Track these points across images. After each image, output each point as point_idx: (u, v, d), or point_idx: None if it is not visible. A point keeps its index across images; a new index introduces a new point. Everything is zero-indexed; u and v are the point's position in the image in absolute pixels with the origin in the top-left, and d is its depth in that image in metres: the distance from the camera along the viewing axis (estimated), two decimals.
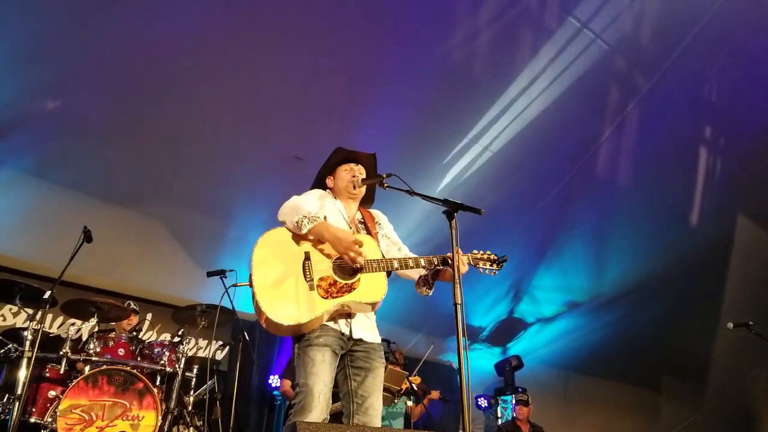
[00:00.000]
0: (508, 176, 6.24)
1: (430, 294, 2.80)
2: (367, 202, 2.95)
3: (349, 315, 2.56)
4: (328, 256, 2.56)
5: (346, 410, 2.55)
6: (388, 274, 2.62)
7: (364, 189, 2.84)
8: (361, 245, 2.48)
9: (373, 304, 2.57)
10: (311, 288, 2.46)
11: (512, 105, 5.66)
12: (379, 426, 2.56)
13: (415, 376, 5.32)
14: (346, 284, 2.51)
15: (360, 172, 2.83)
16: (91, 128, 4.99)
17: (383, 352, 2.69)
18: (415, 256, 2.72)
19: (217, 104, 5.06)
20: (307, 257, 2.53)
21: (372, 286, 2.54)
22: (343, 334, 2.53)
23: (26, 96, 4.66)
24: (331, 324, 2.51)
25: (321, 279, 2.49)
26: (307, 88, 5.13)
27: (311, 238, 2.56)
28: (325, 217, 2.60)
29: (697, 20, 5.20)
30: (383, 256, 2.64)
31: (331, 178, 2.88)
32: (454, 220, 2.48)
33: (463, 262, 2.63)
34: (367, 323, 2.63)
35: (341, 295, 2.49)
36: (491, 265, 2.77)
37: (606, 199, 6.77)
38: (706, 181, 6.67)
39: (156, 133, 5.18)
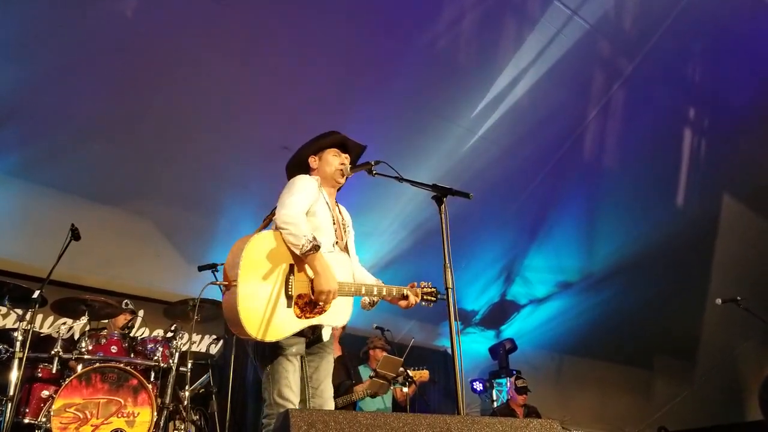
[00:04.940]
0: (497, 160, 6.25)
1: (370, 310, 2.88)
2: None
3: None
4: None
5: (301, 395, 2.61)
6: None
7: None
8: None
9: (335, 328, 2.66)
10: (289, 305, 2.43)
11: (498, 89, 5.66)
12: (333, 407, 2.70)
13: (424, 370, 5.30)
14: (318, 306, 2.51)
15: (348, 160, 2.83)
16: (78, 125, 4.90)
17: (332, 340, 2.77)
18: (379, 284, 2.77)
19: (205, 97, 5.00)
20: (292, 270, 2.48)
21: (339, 311, 2.57)
22: (308, 338, 2.59)
23: (11, 92, 4.56)
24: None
25: (299, 296, 2.47)
26: (295, 80, 5.09)
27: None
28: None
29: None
30: (353, 277, 2.68)
31: (316, 158, 2.82)
32: (443, 205, 2.49)
33: (416, 296, 2.78)
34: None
35: (312, 317, 2.49)
36: (428, 297, 2.87)
37: (594, 180, 6.83)
38: (691, 161, 6.73)
39: (144, 130, 5.11)
